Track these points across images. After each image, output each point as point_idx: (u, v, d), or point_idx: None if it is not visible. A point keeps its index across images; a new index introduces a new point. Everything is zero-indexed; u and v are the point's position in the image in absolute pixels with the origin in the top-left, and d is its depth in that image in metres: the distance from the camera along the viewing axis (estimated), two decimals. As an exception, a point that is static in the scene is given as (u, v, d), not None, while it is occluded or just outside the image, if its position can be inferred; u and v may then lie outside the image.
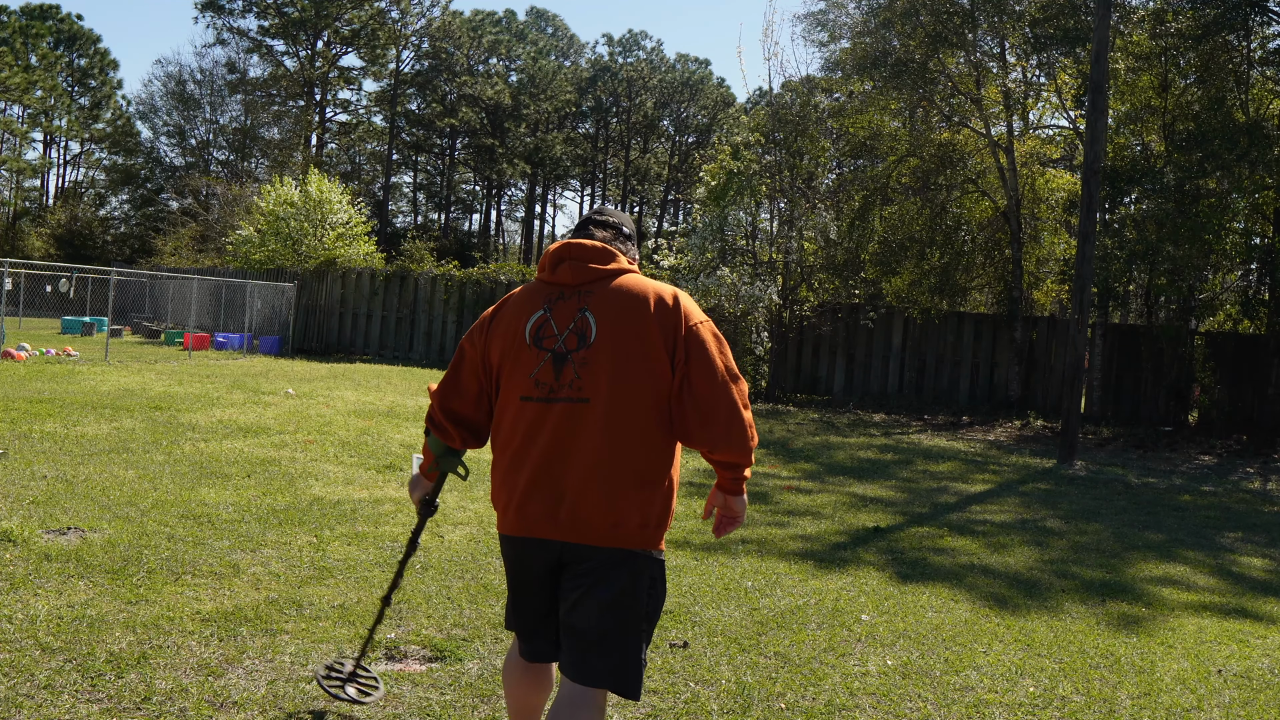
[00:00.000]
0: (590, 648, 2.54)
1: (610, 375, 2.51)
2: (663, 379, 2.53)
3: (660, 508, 2.57)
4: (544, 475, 2.54)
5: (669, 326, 2.54)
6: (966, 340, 18.80)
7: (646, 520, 2.55)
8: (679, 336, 2.53)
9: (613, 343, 2.53)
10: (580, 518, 2.51)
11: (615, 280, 2.61)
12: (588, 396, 2.51)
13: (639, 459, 2.52)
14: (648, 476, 2.54)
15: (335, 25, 53.82)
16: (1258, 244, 16.15)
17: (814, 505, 8.02)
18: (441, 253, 44.71)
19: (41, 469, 6.83)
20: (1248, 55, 16.47)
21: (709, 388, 2.51)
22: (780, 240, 18.83)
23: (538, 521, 2.55)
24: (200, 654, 3.77)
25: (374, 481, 7.46)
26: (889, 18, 18.89)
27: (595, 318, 2.55)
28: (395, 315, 22.35)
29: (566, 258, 2.63)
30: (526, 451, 2.56)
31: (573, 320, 2.57)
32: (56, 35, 56.92)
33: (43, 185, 59.49)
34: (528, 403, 2.57)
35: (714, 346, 2.56)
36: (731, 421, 2.52)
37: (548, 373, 2.56)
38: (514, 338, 2.62)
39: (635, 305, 2.56)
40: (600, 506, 2.50)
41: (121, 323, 28.56)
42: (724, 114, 63.03)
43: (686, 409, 2.53)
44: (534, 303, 2.64)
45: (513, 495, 2.58)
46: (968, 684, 4.09)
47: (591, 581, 2.54)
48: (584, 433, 2.51)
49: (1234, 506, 9.70)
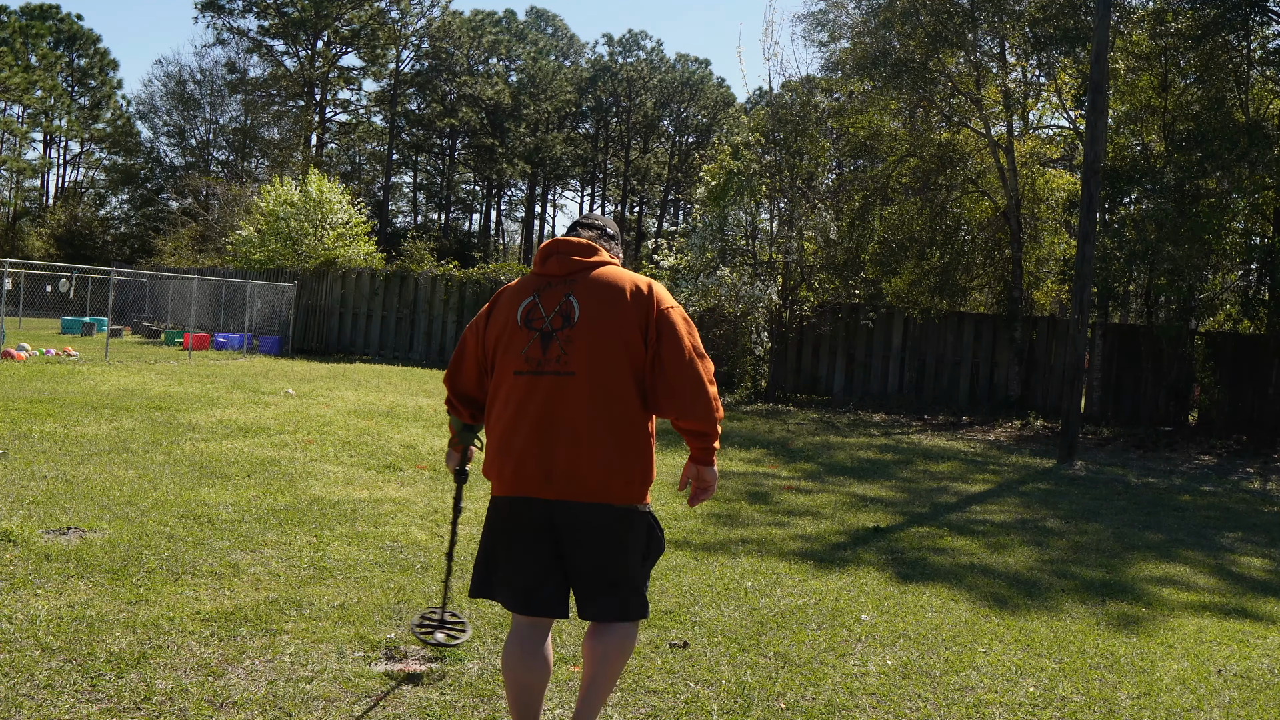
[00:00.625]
0: (599, 591, 2.91)
1: (590, 351, 2.85)
2: (637, 355, 2.86)
3: (641, 467, 2.90)
4: (536, 441, 2.85)
5: (643, 310, 2.88)
6: (966, 340, 18.79)
7: (630, 478, 2.87)
8: (651, 319, 2.88)
9: (593, 323, 2.87)
10: (571, 477, 2.82)
11: (596, 270, 2.97)
12: (573, 370, 2.85)
13: (619, 424, 2.85)
14: (628, 440, 2.86)
15: (335, 25, 53.82)
16: (1258, 244, 16.14)
17: (814, 505, 8.02)
18: (441, 253, 44.72)
19: (41, 469, 6.83)
20: (1248, 55, 16.46)
21: (677, 364, 2.86)
22: (780, 240, 18.83)
23: (533, 482, 2.85)
24: (200, 654, 3.77)
25: (374, 481, 7.46)
26: (889, 18, 18.89)
27: (578, 302, 2.90)
28: (395, 315, 22.35)
29: (554, 252, 3.00)
30: (519, 420, 2.88)
31: (558, 304, 2.92)
32: (56, 35, 56.91)
33: (43, 185, 59.51)
34: (519, 376, 2.90)
35: (683, 328, 2.91)
36: (697, 393, 2.87)
37: (536, 349, 2.89)
38: (507, 321, 2.98)
39: (614, 291, 2.91)
40: (588, 467, 2.82)
41: (121, 323, 28.56)
42: (724, 114, 63.02)
43: (658, 382, 2.87)
44: (525, 291, 3.00)
45: (508, 460, 2.89)
46: (968, 684, 4.09)
47: (589, 534, 2.86)
48: (570, 401, 2.84)
49: (1234, 506, 9.70)
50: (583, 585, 2.93)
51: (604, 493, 2.84)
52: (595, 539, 2.86)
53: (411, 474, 7.89)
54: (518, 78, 63.18)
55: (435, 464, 8.41)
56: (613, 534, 2.87)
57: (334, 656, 3.86)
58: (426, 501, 6.87)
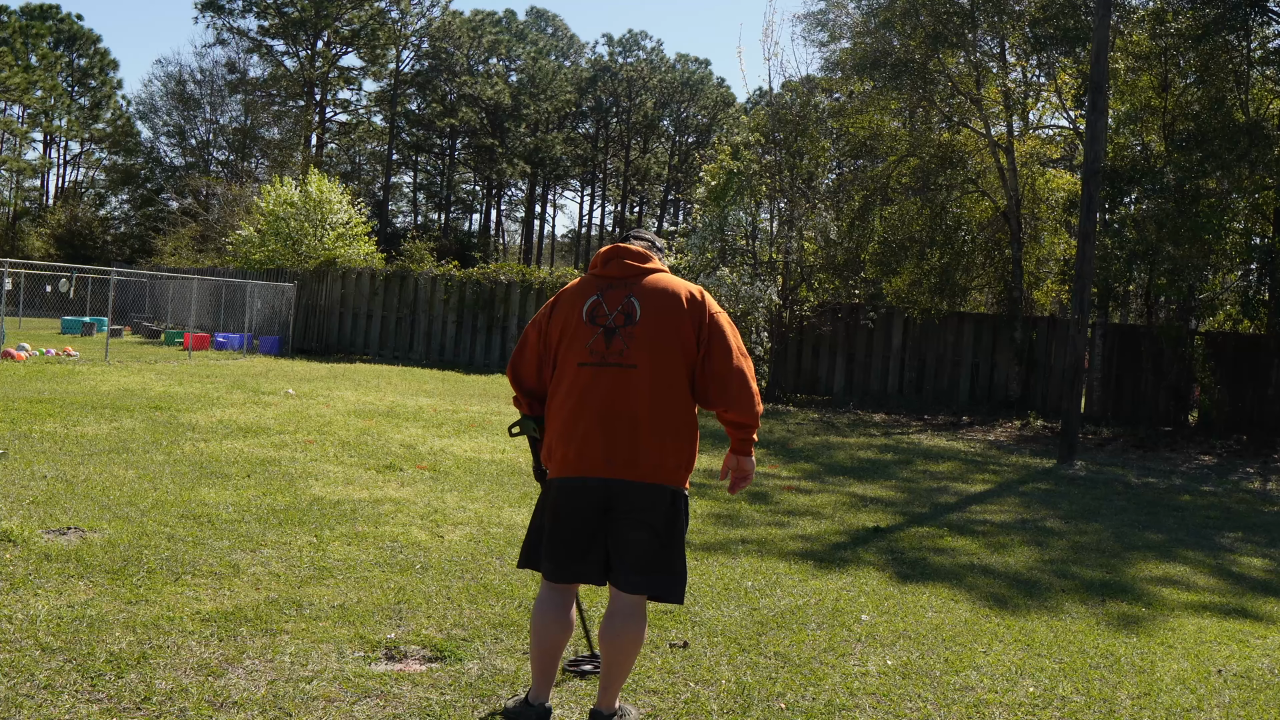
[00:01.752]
0: (647, 567, 3.19)
1: (650, 348, 3.19)
2: (690, 353, 3.22)
3: (689, 453, 3.25)
4: (599, 426, 3.17)
5: (696, 315, 3.24)
6: (966, 340, 18.79)
7: (680, 463, 3.23)
8: (704, 322, 3.24)
9: (654, 323, 3.21)
10: (630, 459, 3.15)
11: (652, 275, 3.31)
12: (635, 363, 3.18)
13: (674, 414, 3.20)
14: (680, 429, 3.22)
15: (335, 25, 53.81)
16: (1258, 244, 16.12)
17: (814, 505, 8.02)
18: (441, 253, 44.68)
19: (41, 469, 6.83)
20: (1248, 55, 16.46)
21: (725, 364, 3.22)
22: (780, 240, 18.83)
23: (595, 464, 3.17)
24: (200, 654, 3.77)
25: (374, 481, 7.46)
26: (889, 18, 18.88)
27: (639, 302, 3.23)
28: (395, 315, 22.34)
29: (615, 256, 3.34)
30: (582, 408, 3.19)
31: (621, 303, 3.24)
32: (56, 35, 56.90)
33: (43, 185, 59.52)
34: (583, 368, 3.22)
35: (729, 332, 3.27)
36: (742, 389, 3.23)
37: (600, 343, 3.22)
38: (572, 317, 3.29)
39: (670, 296, 3.25)
40: (646, 451, 3.16)
41: (121, 323, 28.55)
42: (724, 114, 63.01)
43: (708, 379, 3.23)
44: (588, 291, 3.31)
45: (570, 443, 3.20)
46: (968, 684, 4.09)
47: (641, 512, 3.17)
48: (632, 392, 3.17)
49: (1234, 506, 9.70)
50: (629, 559, 3.19)
51: (657, 474, 3.17)
52: (647, 517, 3.17)
53: (411, 474, 7.89)
54: (518, 78, 63.16)
55: (435, 464, 8.41)
56: (661, 513, 3.18)
57: (334, 656, 3.86)
58: (426, 501, 6.87)
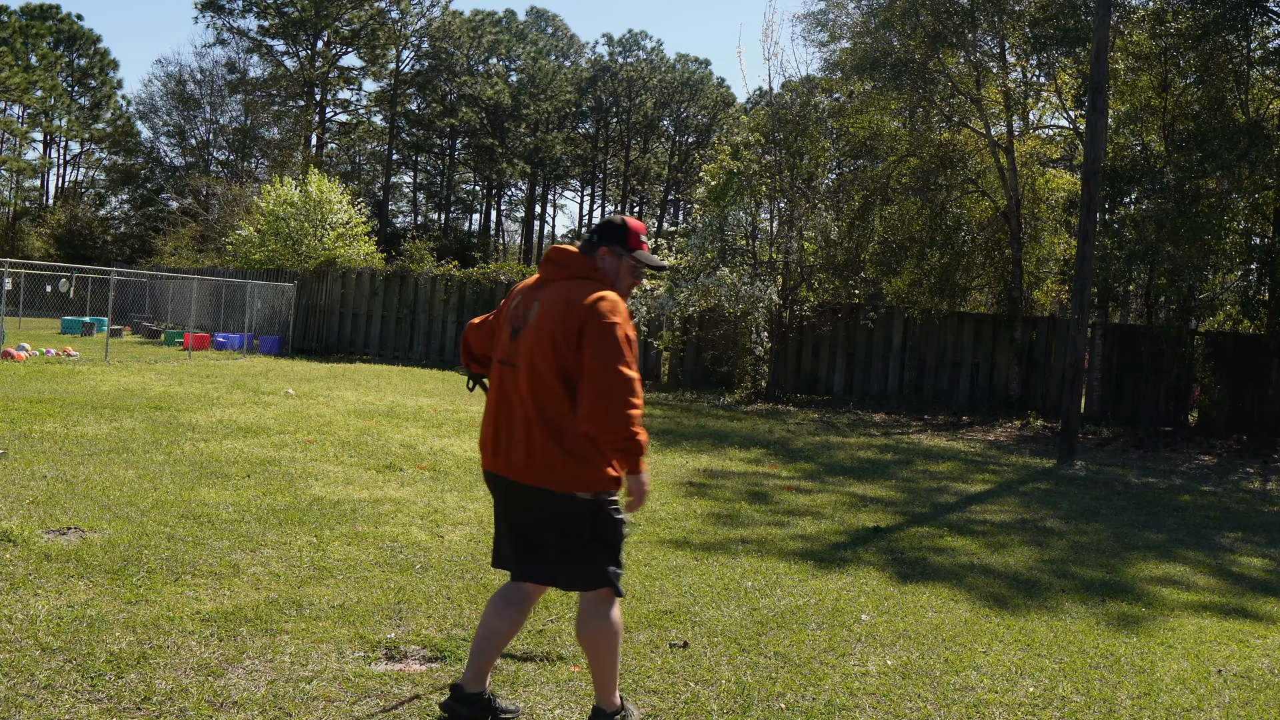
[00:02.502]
0: (556, 566, 3.24)
1: (529, 350, 3.21)
2: (563, 358, 3.13)
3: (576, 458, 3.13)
4: (493, 423, 3.31)
5: (576, 320, 3.13)
6: (966, 340, 18.79)
7: (567, 466, 3.14)
8: (582, 330, 3.12)
9: (536, 326, 3.21)
10: (515, 460, 3.20)
11: (565, 280, 3.29)
12: (518, 364, 3.24)
13: (552, 417, 3.15)
14: (561, 432, 3.14)
15: (335, 25, 53.79)
16: (1258, 244, 16.13)
17: (814, 505, 8.02)
18: (441, 253, 44.70)
19: (41, 469, 6.83)
20: (1247, 55, 16.46)
21: (591, 373, 3.08)
22: (780, 240, 18.83)
23: (496, 461, 3.28)
24: (200, 654, 3.77)
25: (374, 481, 7.46)
26: (889, 18, 18.88)
27: (539, 305, 3.25)
28: (395, 315, 22.35)
29: (544, 259, 3.39)
30: (491, 404, 3.35)
31: (530, 306, 3.29)
32: (56, 35, 56.88)
33: (43, 185, 59.51)
34: (500, 364, 3.33)
35: (611, 343, 3.09)
36: (600, 401, 3.05)
37: (508, 343, 3.32)
38: (504, 314, 3.42)
39: (561, 301, 3.20)
40: (528, 452, 3.17)
41: (121, 323, 28.55)
42: (724, 114, 63.00)
43: (579, 386, 3.13)
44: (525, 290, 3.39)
45: (485, 438, 3.35)
46: (968, 684, 4.09)
47: (535, 515, 3.22)
48: (516, 393, 3.23)
49: (1234, 506, 9.70)
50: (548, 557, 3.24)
51: (541, 478, 3.16)
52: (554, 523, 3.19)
53: (411, 474, 7.89)
54: (518, 78, 63.15)
55: (435, 464, 8.41)
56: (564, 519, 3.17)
57: (334, 656, 3.86)
58: (426, 501, 6.87)
